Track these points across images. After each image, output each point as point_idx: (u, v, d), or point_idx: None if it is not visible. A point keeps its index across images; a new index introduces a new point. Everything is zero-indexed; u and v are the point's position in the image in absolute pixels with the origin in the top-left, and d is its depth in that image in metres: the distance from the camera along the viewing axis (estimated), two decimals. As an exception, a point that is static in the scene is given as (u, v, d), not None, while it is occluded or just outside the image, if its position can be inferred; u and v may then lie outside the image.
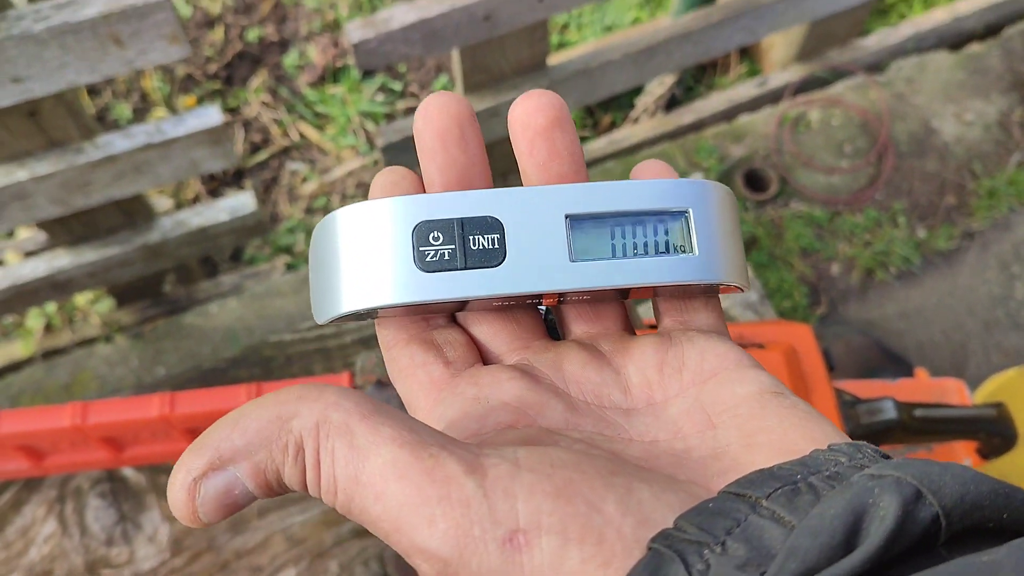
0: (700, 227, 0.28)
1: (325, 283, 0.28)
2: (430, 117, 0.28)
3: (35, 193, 0.96)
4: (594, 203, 0.27)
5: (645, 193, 0.28)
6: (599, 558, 0.21)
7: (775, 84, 1.50)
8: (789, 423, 0.25)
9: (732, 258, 0.29)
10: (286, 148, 1.55)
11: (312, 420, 0.23)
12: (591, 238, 0.27)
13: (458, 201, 0.27)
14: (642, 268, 0.28)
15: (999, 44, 1.57)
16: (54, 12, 0.77)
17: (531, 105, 0.28)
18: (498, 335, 0.30)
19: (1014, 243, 1.44)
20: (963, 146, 1.49)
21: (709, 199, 0.28)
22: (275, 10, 1.63)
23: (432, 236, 0.26)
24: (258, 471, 0.23)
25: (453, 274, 0.26)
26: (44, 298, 1.19)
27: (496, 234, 0.27)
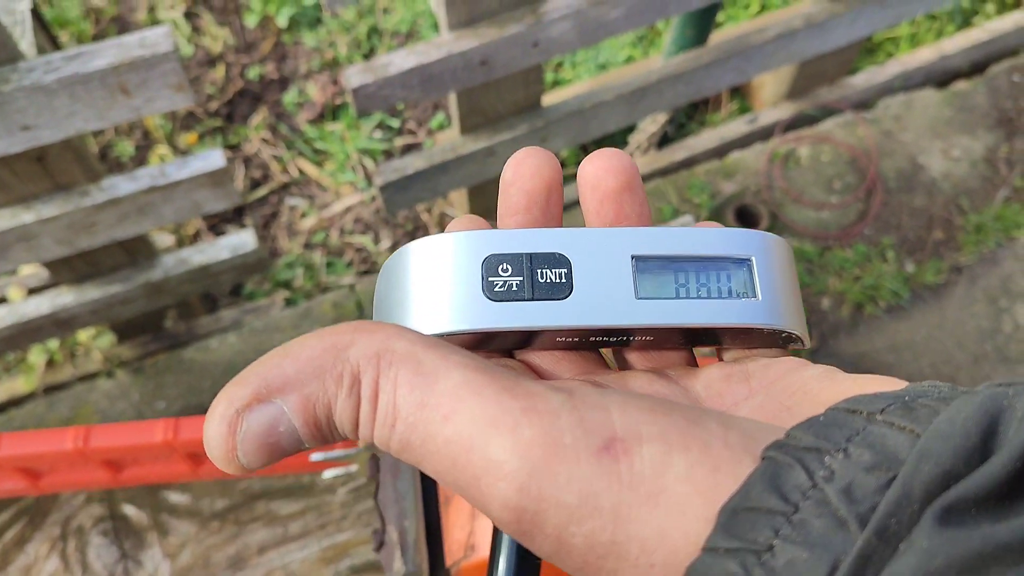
0: (763, 275, 0.28)
1: (396, 311, 0.28)
2: (522, 175, 0.29)
3: (41, 234, 0.98)
4: (659, 246, 0.28)
5: (709, 240, 0.28)
6: (707, 463, 0.20)
7: (766, 121, 1.53)
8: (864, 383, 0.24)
9: (794, 308, 0.29)
10: (286, 184, 1.57)
11: (372, 348, 0.22)
12: (656, 279, 0.28)
13: (527, 237, 0.28)
14: (706, 309, 0.28)
15: (984, 82, 1.61)
16: (64, 63, 0.79)
17: (603, 166, 0.28)
18: (560, 363, 0.30)
19: (1001, 277, 1.46)
20: (950, 182, 1.52)
21: (771, 250, 0.29)
22: (275, 49, 1.66)
23: (501, 268, 0.27)
24: (308, 405, 0.21)
25: (521, 304, 0.27)
26: (47, 335, 1.21)
27: (564, 269, 0.27)
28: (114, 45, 0.80)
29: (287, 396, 0.21)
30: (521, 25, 1.04)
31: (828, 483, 0.18)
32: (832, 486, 0.18)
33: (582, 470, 0.20)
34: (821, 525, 0.18)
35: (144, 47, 0.80)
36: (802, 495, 0.18)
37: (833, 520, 0.18)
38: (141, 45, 0.80)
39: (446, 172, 1.25)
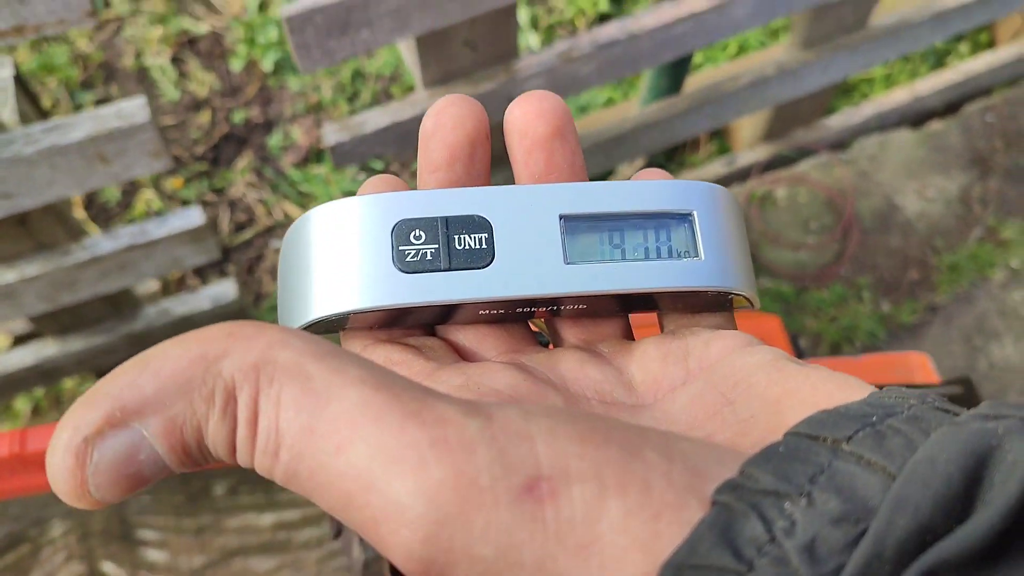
0: (706, 231, 0.26)
1: (294, 289, 0.26)
2: (443, 126, 0.26)
3: (23, 292, 1.00)
4: (590, 203, 0.25)
5: (645, 194, 0.26)
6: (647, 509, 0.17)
7: (743, 163, 1.55)
8: (816, 381, 0.22)
9: (741, 266, 0.27)
10: (271, 227, 1.59)
11: (249, 359, 0.18)
12: (587, 241, 0.25)
13: (442, 199, 0.25)
14: (644, 272, 0.25)
15: (958, 122, 1.63)
16: (43, 135, 0.81)
17: (531, 110, 0.26)
18: (484, 340, 0.27)
19: (976, 316, 1.48)
20: (925, 222, 1.55)
21: (715, 203, 0.27)
22: (260, 93, 1.69)
23: (413, 235, 0.25)
24: (173, 428, 0.18)
25: (436, 275, 0.24)
26: (32, 384, 1.23)
27: (484, 233, 0.25)
28: (91, 117, 0.82)
29: (147, 419, 0.18)
30: (494, 83, 1.06)
31: (788, 537, 0.16)
32: (792, 541, 0.16)
33: (501, 517, 0.17)
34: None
35: (121, 118, 0.82)
36: (757, 551, 0.16)
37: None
38: (118, 116, 0.82)
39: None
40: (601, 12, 1.76)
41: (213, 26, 1.73)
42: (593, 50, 1.07)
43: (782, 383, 0.22)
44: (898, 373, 0.84)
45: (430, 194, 0.25)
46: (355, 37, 0.89)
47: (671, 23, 1.09)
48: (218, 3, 1.76)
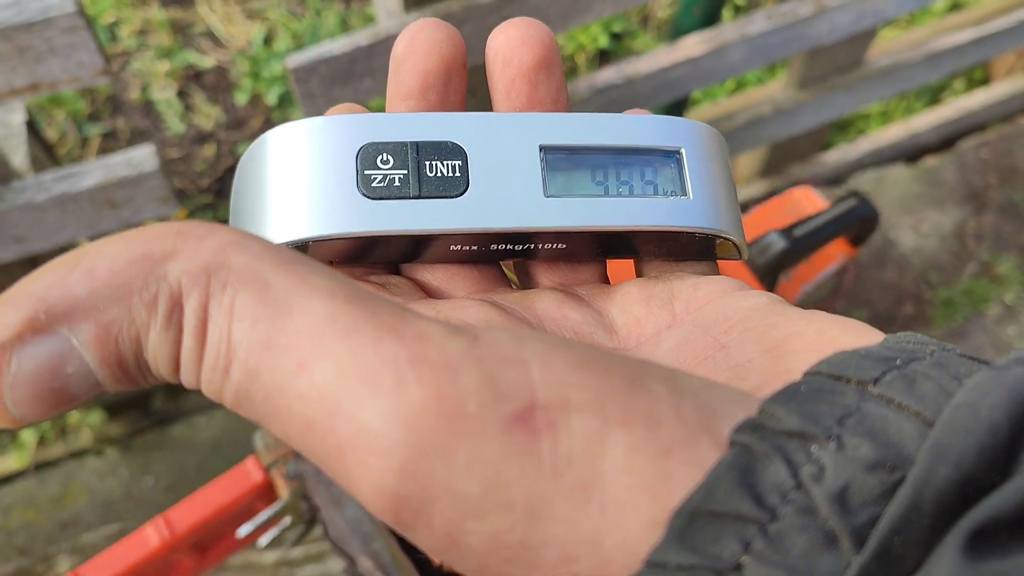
0: (694, 170, 0.25)
1: (248, 215, 0.23)
2: (416, 50, 0.24)
3: (32, 330, 1.02)
4: (573, 135, 0.24)
5: (632, 128, 0.24)
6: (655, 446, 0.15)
7: (741, 198, 1.57)
8: (821, 325, 0.20)
9: (730, 209, 0.25)
10: (274, 258, 1.61)
11: (200, 262, 0.16)
12: (569, 173, 0.24)
13: (414, 123, 0.23)
14: (628, 209, 0.24)
15: (953, 157, 1.66)
16: (55, 183, 0.84)
17: (517, 37, 0.24)
18: (453, 280, 0.25)
19: (970, 351, 1.49)
20: (920, 257, 1.57)
21: (704, 141, 0.25)
22: (265, 126, 1.71)
23: (380, 159, 0.23)
24: (107, 336, 0.16)
25: (405, 203, 0.22)
26: (38, 417, 1.24)
27: (458, 160, 0.23)
28: (102, 165, 0.84)
29: (77, 324, 0.15)
30: (495, 126, 1.08)
31: (816, 483, 0.14)
32: (821, 488, 0.14)
33: (489, 448, 0.15)
34: (805, 541, 0.14)
35: (131, 167, 0.84)
36: (782, 498, 0.14)
37: (821, 535, 0.14)
38: (128, 165, 0.85)
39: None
40: (601, 48, 1.79)
41: (218, 60, 1.76)
42: (591, 95, 1.10)
43: (782, 327, 0.20)
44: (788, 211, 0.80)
45: (399, 117, 0.23)
46: (358, 86, 0.91)
47: (668, 67, 1.12)
48: (223, 37, 1.79)
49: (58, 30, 0.68)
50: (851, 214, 0.68)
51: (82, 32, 0.68)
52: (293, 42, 1.77)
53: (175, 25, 1.80)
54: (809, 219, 0.66)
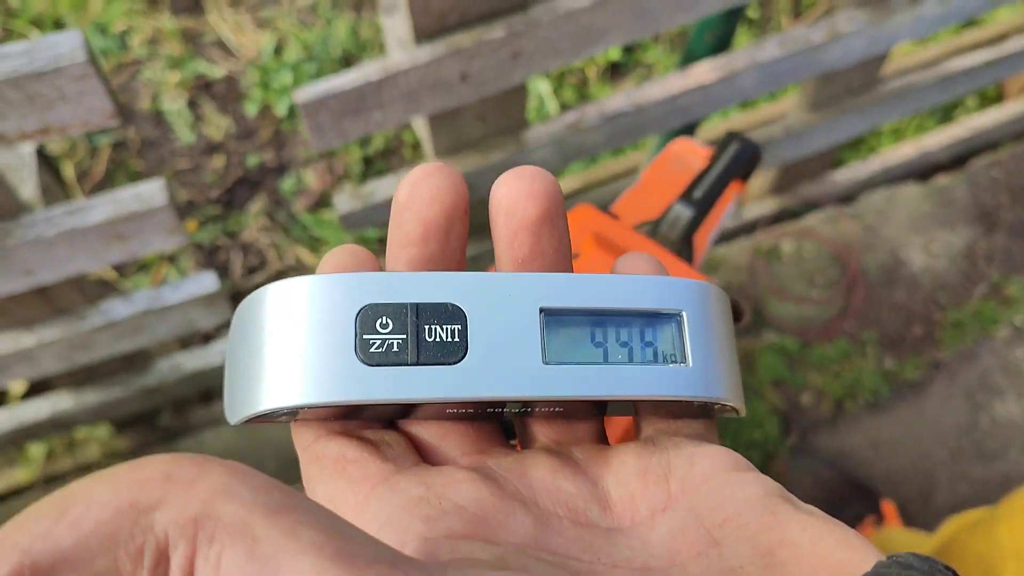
0: (695, 334, 0.25)
1: (244, 375, 0.23)
2: (418, 197, 0.24)
3: (41, 354, 1.03)
4: (574, 297, 0.24)
5: (633, 290, 0.24)
6: None
7: (750, 216, 1.57)
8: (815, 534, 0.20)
9: (730, 373, 0.25)
10: (282, 271, 1.62)
11: (188, 512, 0.16)
12: (569, 338, 0.24)
13: (414, 283, 0.23)
14: (627, 378, 0.24)
15: (965, 176, 1.65)
16: (64, 218, 0.84)
17: (521, 189, 0.24)
18: (448, 437, 0.25)
19: (979, 373, 1.49)
20: (930, 277, 1.56)
21: (705, 302, 0.25)
22: (274, 137, 1.71)
23: (380, 323, 0.22)
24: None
25: (402, 370, 0.22)
26: (46, 434, 1.25)
27: (457, 324, 0.23)
28: (110, 200, 0.84)
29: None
30: (504, 152, 1.08)
31: None
32: None
33: None
34: None
35: (140, 202, 0.84)
36: None
37: None
38: (137, 200, 0.84)
39: (434, 277, 1.29)
40: (612, 61, 1.78)
41: (228, 70, 1.76)
42: (601, 121, 1.09)
43: (776, 529, 0.20)
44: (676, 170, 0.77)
45: (400, 277, 0.23)
46: (368, 118, 0.91)
47: (678, 94, 1.11)
48: (234, 47, 1.78)
49: (69, 78, 0.67)
50: (739, 158, 0.68)
51: (92, 80, 0.68)
52: (303, 52, 1.77)
53: (186, 34, 1.80)
54: (702, 176, 0.66)
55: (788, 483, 1.37)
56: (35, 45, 0.67)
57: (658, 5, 0.94)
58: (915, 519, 1.39)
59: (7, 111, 0.68)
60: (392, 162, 1.70)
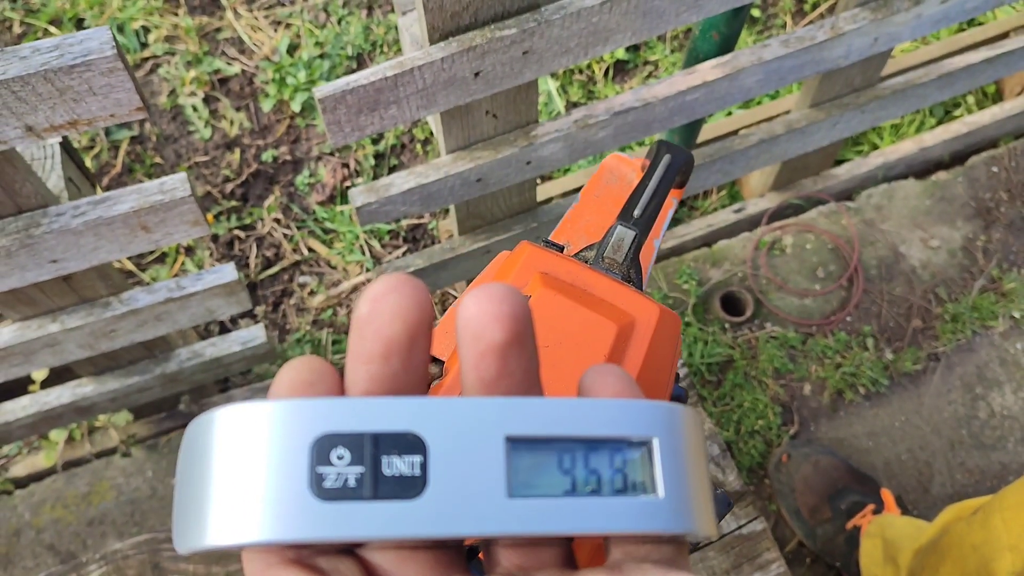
0: (666, 462, 0.24)
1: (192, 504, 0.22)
2: (380, 313, 0.23)
3: (65, 342, 1.07)
4: (541, 424, 0.23)
5: (603, 416, 0.23)
6: None
7: (752, 211, 1.60)
8: None
9: (701, 502, 0.24)
10: (297, 262, 1.65)
11: None
12: (534, 468, 0.23)
13: (374, 410, 0.22)
14: (594, 511, 0.23)
15: (963, 172, 1.68)
16: (90, 208, 0.87)
17: (490, 312, 0.23)
18: (406, 564, 0.24)
19: (977, 365, 1.52)
20: (929, 271, 1.59)
21: (676, 428, 0.24)
22: (289, 132, 1.75)
23: (336, 454, 0.21)
24: None
25: (357, 505, 0.21)
26: (68, 421, 1.29)
27: (418, 456, 0.22)
28: (136, 191, 0.88)
29: None
30: (515, 147, 1.11)
31: None
32: None
33: None
34: None
35: (163, 192, 0.88)
36: None
37: None
38: (161, 191, 0.88)
39: (445, 269, 1.32)
40: (618, 59, 1.81)
41: (244, 67, 1.80)
42: (608, 117, 1.13)
43: None
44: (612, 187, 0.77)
45: (359, 403, 0.22)
46: (384, 114, 0.95)
47: (684, 91, 1.14)
48: (250, 44, 1.82)
49: (97, 72, 0.71)
50: (672, 168, 0.69)
51: (120, 73, 0.72)
52: (317, 50, 1.80)
53: (202, 32, 1.83)
54: (638, 191, 0.67)
55: (789, 472, 1.40)
56: (65, 40, 0.71)
57: (665, 5, 0.98)
58: (914, 507, 1.43)
59: (38, 104, 0.72)
60: (404, 157, 1.74)
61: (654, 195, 0.67)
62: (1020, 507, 0.94)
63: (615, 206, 0.73)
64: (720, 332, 1.52)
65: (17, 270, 0.89)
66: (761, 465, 1.45)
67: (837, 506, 1.36)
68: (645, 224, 0.65)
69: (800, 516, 1.39)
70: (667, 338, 0.59)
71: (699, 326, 1.52)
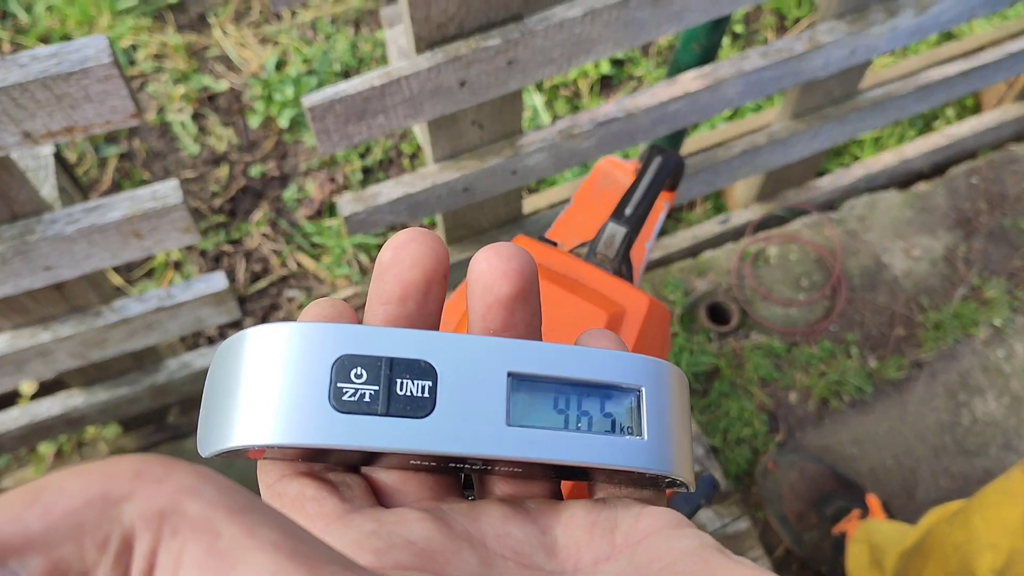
0: (652, 410, 0.26)
1: (218, 409, 0.24)
2: (400, 260, 0.25)
3: (57, 351, 1.07)
4: (541, 364, 0.25)
5: (597, 363, 0.25)
6: None
7: (737, 222, 1.62)
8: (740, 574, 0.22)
9: (682, 450, 0.26)
10: (285, 277, 1.66)
11: (154, 506, 0.16)
12: (532, 403, 0.25)
13: (391, 338, 0.24)
14: (585, 446, 0.25)
15: (944, 183, 1.71)
16: (84, 215, 0.89)
17: (499, 268, 0.25)
18: (407, 483, 0.26)
19: (960, 372, 1.55)
20: (911, 280, 1.61)
21: (664, 381, 0.26)
22: (276, 148, 1.77)
23: (354, 373, 0.23)
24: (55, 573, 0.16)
25: (371, 419, 0.23)
26: (58, 432, 1.29)
27: (428, 381, 0.24)
28: (128, 198, 0.89)
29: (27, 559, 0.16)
30: (500, 157, 1.13)
31: None
32: None
33: None
34: None
35: (156, 200, 0.89)
36: None
37: None
38: (153, 198, 0.89)
39: (433, 279, 1.34)
40: (603, 74, 1.84)
41: (232, 84, 1.81)
42: (593, 127, 1.15)
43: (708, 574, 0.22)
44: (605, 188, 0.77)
45: (377, 331, 0.24)
46: (372, 122, 0.96)
47: (666, 102, 1.17)
48: (237, 61, 1.84)
49: (94, 79, 0.73)
50: (664, 170, 0.71)
51: (116, 80, 0.73)
52: (304, 66, 1.82)
53: (190, 49, 1.85)
54: (631, 192, 0.69)
55: (776, 479, 1.41)
56: (63, 48, 0.72)
57: (646, 16, 1.00)
58: (899, 512, 1.44)
59: (36, 110, 0.73)
60: (391, 172, 1.75)
61: (646, 194, 0.69)
62: (999, 506, 0.96)
63: (607, 208, 0.75)
64: (706, 341, 1.54)
65: (12, 277, 0.90)
66: (748, 473, 1.47)
67: (823, 512, 1.37)
68: (636, 222, 0.67)
69: (787, 522, 1.40)
70: (656, 328, 0.61)
71: (685, 336, 1.54)
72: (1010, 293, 1.60)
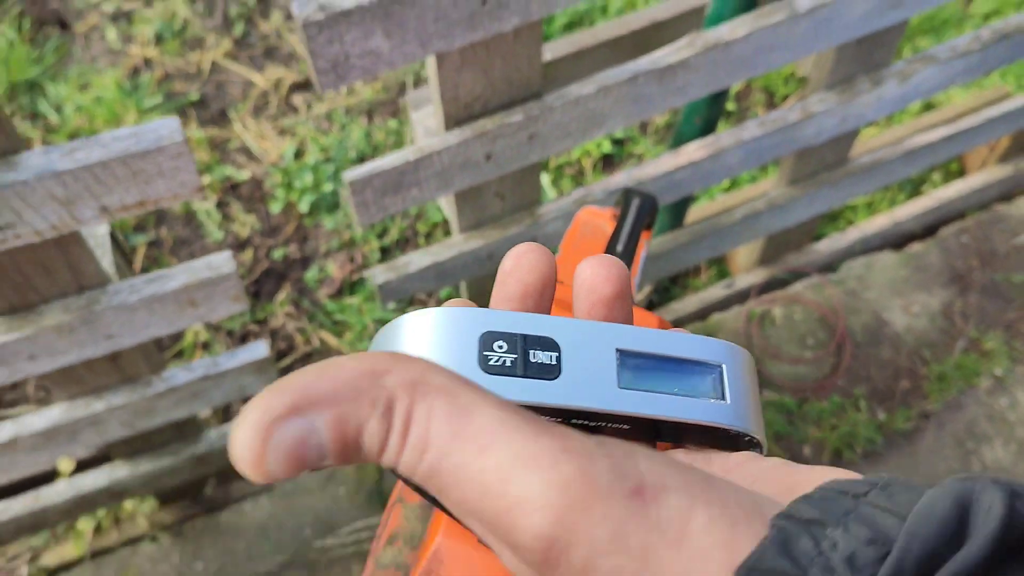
0: (731, 381, 0.30)
1: None
2: (521, 267, 0.30)
3: (108, 420, 1.13)
4: (642, 344, 0.30)
5: (686, 344, 0.31)
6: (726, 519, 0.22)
7: (741, 285, 1.70)
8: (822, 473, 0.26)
9: (757, 415, 0.31)
10: (309, 354, 1.73)
11: (409, 377, 0.22)
12: (637, 372, 0.30)
13: (522, 320, 0.29)
14: (681, 405, 0.30)
15: (936, 243, 1.79)
16: (145, 285, 0.95)
17: (601, 274, 0.30)
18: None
19: (966, 421, 1.60)
20: (912, 335, 1.68)
21: (739, 360, 0.31)
22: (297, 231, 1.85)
23: (497, 344, 0.28)
24: (340, 423, 0.22)
25: (513, 380, 0.28)
26: (100, 505, 1.34)
27: (555, 352, 0.29)
28: (184, 269, 0.96)
29: (321, 412, 0.22)
30: (521, 226, 1.21)
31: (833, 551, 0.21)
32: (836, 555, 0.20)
33: (615, 509, 0.21)
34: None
35: (210, 269, 0.97)
36: (810, 561, 0.20)
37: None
38: (208, 268, 0.97)
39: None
40: (605, 153, 1.94)
41: (253, 173, 1.91)
42: (604, 196, 1.23)
43: (793, 476, 0.26)
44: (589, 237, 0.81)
45: (512, 314, 0.29)
46: (406, 195, 1.04)
47: (672, 170, 1.25)
48: (257, 152, 1.94)
49: (167, 156, 0.80)
50: (642, 212, 0.76)
51: (186, 157, 0.81)
52: (322, 155, 1.92)
53: (213, 142, 1.95)
54: (614, 237, 0.75)
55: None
56: (140, 129, 0.80)
57: (653, 91, 1.09)
58: (916, 560, 1.47)
59: (114, 186, 0.81)
60: (407, 250, 1.83)
61: (630, 235, 0.76)
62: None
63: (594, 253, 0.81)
64: (719, 400, 1.59)
65: (76, 347, 0.96)
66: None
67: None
68: (627, 259, 0.74)
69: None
70: None
71: (698, 395, 1.59)
72: (1008, 344, 1.67)
